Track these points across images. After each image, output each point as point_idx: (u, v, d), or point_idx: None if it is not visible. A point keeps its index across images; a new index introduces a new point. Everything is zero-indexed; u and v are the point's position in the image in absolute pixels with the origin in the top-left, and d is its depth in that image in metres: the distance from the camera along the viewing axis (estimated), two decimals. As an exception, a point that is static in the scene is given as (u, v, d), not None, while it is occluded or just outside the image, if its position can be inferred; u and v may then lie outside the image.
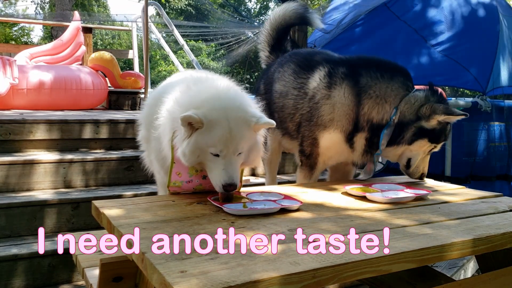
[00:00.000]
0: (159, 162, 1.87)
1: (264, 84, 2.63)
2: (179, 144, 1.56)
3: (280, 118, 2.38)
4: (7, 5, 18.09)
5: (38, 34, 25.03)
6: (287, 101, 2.31)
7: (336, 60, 2.24)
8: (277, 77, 2.44)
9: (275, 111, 2.41)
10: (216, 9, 13.11)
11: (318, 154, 2.22)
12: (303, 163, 2.29)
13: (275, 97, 2.40)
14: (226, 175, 1.51)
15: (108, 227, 1.35)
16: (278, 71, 2.45)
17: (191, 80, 1.74)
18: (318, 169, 2.27)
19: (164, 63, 20.61)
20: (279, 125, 2.40)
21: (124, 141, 3.53)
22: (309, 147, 2.23)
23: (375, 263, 1.10)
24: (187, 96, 1.61)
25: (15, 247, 2.36)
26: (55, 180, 2.91)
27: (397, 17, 4.48)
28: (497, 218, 1.50)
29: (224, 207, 1.44)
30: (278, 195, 1.62)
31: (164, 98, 1.76)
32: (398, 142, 2.03)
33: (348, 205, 1.60)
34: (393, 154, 2.11)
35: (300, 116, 2.25)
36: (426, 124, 1.98)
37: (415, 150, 2.04)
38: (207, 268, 0.99)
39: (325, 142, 2.16)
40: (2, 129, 3.08)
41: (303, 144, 2.25)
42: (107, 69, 5.42)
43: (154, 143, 1.86)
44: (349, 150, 2.14)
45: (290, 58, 2.47)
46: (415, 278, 1.92)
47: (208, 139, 1.51)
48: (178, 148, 1.57)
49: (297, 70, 2.31)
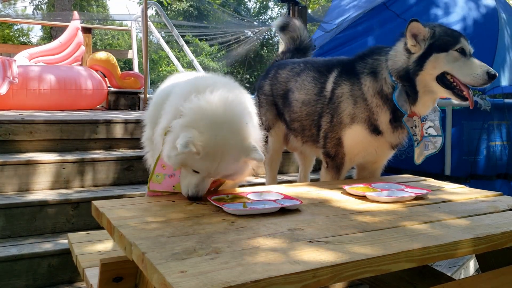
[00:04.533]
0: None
1: (271, 85, 2.68)
2: (169, 145, 1.55)
3: (302, 126, 2.43)
4: (7, 5, 18.10)
5: (38, 34, 25.03)
6: (310, 108, 2.37)
7: (343, 60, 2.35)
8: (295, 86, 2.49)
9: (296, 120, 2.46)
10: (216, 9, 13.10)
11: (344, 153, 2.23)
12: (328, 164, 2.30)
13: (297, 106, 2.46)
14: (195, 188, 1.57)
15: (108, 227, 1.35)
16: (295, 80, 2.50)
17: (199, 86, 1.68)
18: (345, 168, 2.28)
19: (164, 63, 20.61)
20: (301, 133, 2.46)
21: (124, 141, 3.53)
22: (334, 148, 2.24)
23: (375, 262, 1.10)
24: (194, 107, 1.56)
25: (15, 247, 2.36)
26: (55, 181, 2.91)
27: (396, 15, 4.49)
28: (497, 217, 1.50)
29: (224, 207, 1.44)
30: (278, 195, 1.62)
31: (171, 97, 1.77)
32: (414, 83, 1.99)
33: (348, 205, 1.60)
34: (425, 99, 2.04)
35: (321, 119, 2.30)
36: (415, 49, 1.99)
37: (434, 67, 1.96)
38: (207, 268, 0.99)
39: (348, 139, 2.18)
40: (1, 130, 3.08)
41: (326, 146, 2.27)
42: (107, 69, 5.42)
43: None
44: (377, 138, 2.13)
45: (306, 66, 2.51)
46: (415, 277, 1.92)
47: (198, 164, 1.53)
48: (166, 146, 1.57)
49: (317, 76, 2.38)
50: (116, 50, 14.49)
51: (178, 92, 1.72)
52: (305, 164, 2.95)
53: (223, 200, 1.54)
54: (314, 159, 2.93)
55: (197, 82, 1.74)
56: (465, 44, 1.97)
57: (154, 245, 1.12)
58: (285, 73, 2.61)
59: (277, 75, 2.66)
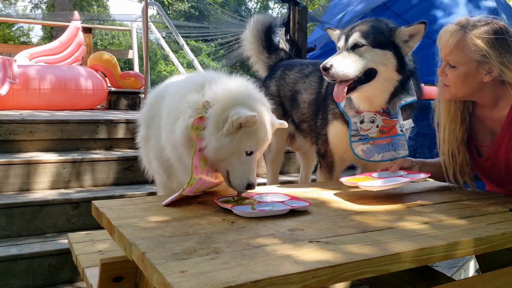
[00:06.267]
0: (158, 160, 1.85)
1: (277, 86, 2.68)
2: (213, 136, 1.52)
3: (310, 127, 2.43)
4: (7, 5, 18.10)
5: (38, 34, 25.05)
6: (315, 108, 2.38)
7: None
8: (303, 87, 2.50)
9: (305, 121, 2.47)
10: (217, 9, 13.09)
11: (332, 151, 2.21)
12: (321, 164, 2.30)
13: (304, 107, 2.47)
14: (251, 175, 1.58)
15: (108, 227, 1.35)
16: (303, 81, 2.51)
17: (208, 78, 1.69)
18: (336, 168, 2.26)
19: (164, 63, 20.62)
20: (309, 134, 2.46)
21: (124, 141, 3.53)
22: (323, 146, 2.23)
23: (375, 263, 1.10)
24: (224, 91, 1.58)
25: (15, 247, 2.36)
26: (55, 180, 2.91)
27: (397, 15, 4.49)
28: (497, 218, 1.50)
29: (234, 210, 1.42)
30: (283, 196, 1.61)
31: (167, 96, 1.77)
32: None
33: (348, 205, 1.60)
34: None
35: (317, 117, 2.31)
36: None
37: None
38: (207, 268, 0.99)
39: (331, 136, 2.17)
40: (2, 129, 3.08)
41: (318, 144, 2.27)
42: (107, 69, 5.43)
43: (153, 141, 1.85)
44: None
45: (314, 67, 2.51)
46: (415, 278, 1.92)
47: (253, 137, 1.56)
48: (210, 140, 1.52)
49: (320, 75, 2.38)
50: (117, 50, 14.49)
51: (186, 87, 1.69)
52: (306, 164, 2.95)
53: (230, 202, 1.53)
54: (315, 159, 2.92)
55: (205, 75, 1.76)
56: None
57: (154, 245, 1.12)
58: (293, 74, 2.61)
59: (284, 76, 2.65)
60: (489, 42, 1.65)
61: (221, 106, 1.54)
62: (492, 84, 1.73)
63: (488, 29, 1.67)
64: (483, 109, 1.84)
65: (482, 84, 1.73)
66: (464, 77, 1.72)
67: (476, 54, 1.67)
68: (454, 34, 1.72)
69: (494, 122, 1.81)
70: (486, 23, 1.70)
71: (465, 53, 1.69)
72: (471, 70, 1.70)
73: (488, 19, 1.72)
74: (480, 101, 1.81)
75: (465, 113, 1.86)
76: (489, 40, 1.65)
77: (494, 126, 1.82)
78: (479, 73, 1.70)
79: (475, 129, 1.90)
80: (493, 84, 1.73)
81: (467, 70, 1.71)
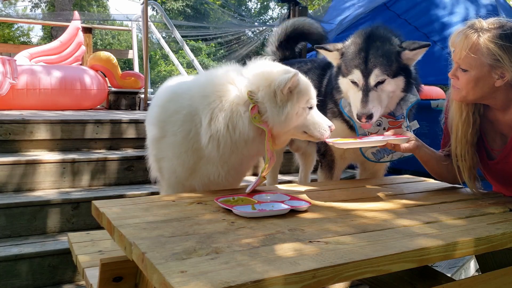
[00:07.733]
0: (179, 158, 1.82)
1: None
2: (273, 115, 1.68)
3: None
4: (7, 5, 18.09)
5: (38, 34, 25.08)
6: None
7: None
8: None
9: None
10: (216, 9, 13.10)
11: (332, 150, 2.21)
12: (322, 163, 2.30)
13: None
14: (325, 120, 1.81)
15: (108, 227, 1.35)
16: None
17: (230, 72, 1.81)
18: (337, 167, 2.26)
19: (164, 63, 20.62)
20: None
21: (125, 141, 3.53)
22: (323, 144, 2.22)
23: (375, 263, 1.10)
24: (257, 75, 1.73)
25: (16, 247, 2.36)
26: (55, 180, 2.91)
27: (397, 16, 4.49)
28: (497, 218, 1.50)
29: (234, 210, 1.43)
30: (283, 195, 1.62)
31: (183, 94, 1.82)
32: None
33: (348, 205, 1.60)
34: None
35: None
36: None
37: None
38: (207, 268, 0.99)
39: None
40: (2, 129, 3.08)
41: (318, 143, 2.26)
42: (107, 69, 5.42)
43: (171, 140, 1.81)
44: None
45: (312, 65, 2.53)
46: (415, 278, 1.92)
47: (306, 94, 1.74)
48: (274, 119, 1.68)
49: (319, 73, 2.41)
50: (117, 50, 14.50)
51: (222, 89, 1.74)
52: (305, 165, 2.95)
53: (230, 202, 1.54)
54: (315, 159, 2.92)
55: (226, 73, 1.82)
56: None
57: (154, 245, 1.12)
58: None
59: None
60: (503, 46, 1.62)
61: (264, 86, 1.69)
62: (504, 88, 1.69)
63: (501, 33, 1.64)
64: (494, 112, 1.81)
65: (494, 88, 1.69)
66: (476, 81, 1.69)
67: (489, 58, 1.64)
68: (466, 37, 1.68)
69: (505, 125, 1.79)
70: (499, 26, 1.67)
71: (478, 57, 1.65)
72: (483, 74, 1.67)
73: (501, 22, 1.68)
74: (491, 104, 1.78)
75: (476, 115, 1.83)
76: (503, 44, 1.62)
77: (505, 129, 1.80)
78: (491, 77, 1.67)
79: (485, 131, 1.87)
80: (505, 88, 1.69)
81: (479, 74, 1.67)
